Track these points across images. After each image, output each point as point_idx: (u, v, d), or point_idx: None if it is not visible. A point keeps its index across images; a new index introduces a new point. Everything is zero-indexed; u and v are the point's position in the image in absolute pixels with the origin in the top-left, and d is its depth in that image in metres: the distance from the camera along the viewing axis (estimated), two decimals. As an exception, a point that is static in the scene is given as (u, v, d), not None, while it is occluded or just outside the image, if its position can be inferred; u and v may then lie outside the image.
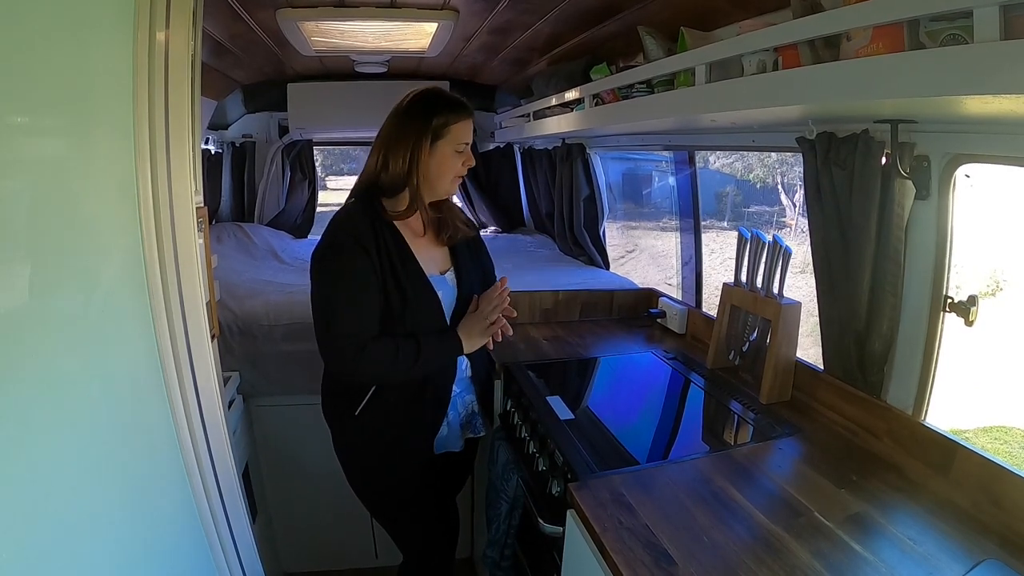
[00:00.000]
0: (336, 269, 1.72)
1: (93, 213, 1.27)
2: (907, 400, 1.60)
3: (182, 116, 1.40)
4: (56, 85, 1.15)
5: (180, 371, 1.47)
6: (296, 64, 3.64)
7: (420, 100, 1.83)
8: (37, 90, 1.11)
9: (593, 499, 1.40)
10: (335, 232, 1.76)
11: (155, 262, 1.39)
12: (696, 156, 2.86)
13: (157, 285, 1.40)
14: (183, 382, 1.48)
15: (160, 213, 1.38)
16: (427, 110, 1.79)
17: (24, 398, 1.07)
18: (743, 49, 1.49)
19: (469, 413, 2.06)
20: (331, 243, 1.75)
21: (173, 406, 1.48)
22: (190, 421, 1.51)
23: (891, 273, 1.55)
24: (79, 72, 1.21)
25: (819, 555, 1.20)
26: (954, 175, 1.46)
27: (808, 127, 1.63)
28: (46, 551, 1.10)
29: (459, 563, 3.03)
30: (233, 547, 1.68)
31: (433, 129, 1.78)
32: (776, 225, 8.26)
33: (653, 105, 1.96)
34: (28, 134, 1.13)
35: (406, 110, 1.82)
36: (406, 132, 1.79)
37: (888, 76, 1.11)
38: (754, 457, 1.60)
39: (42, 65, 1.11)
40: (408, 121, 1.79)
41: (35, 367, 1.11)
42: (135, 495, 1.37)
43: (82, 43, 1.21)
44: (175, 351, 1.46)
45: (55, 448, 1.13)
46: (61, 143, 1.21)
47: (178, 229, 1.42)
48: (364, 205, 1.79)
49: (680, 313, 2.59)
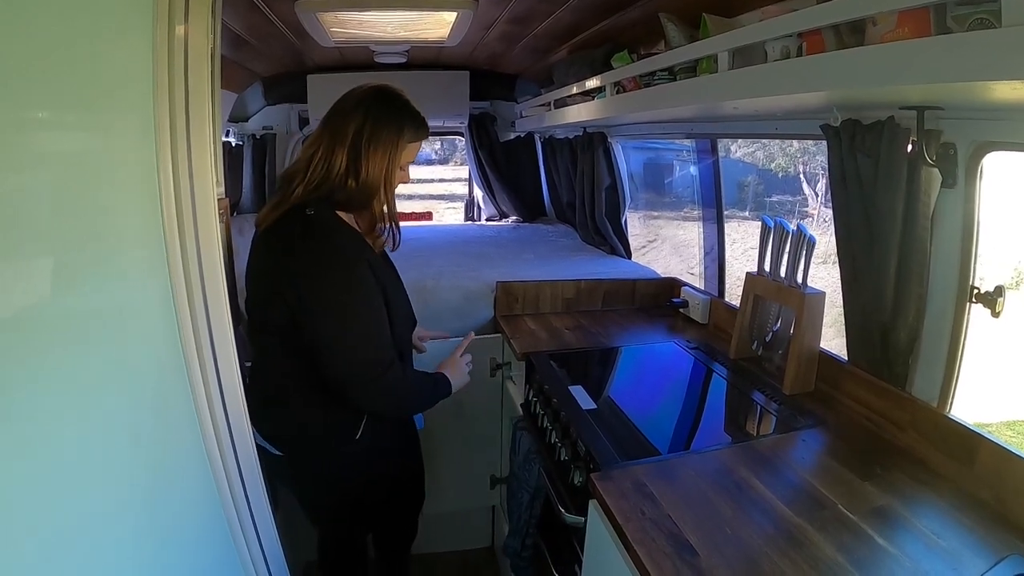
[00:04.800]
0: (360, 274, 1.66)
1: (115, 206, 1.28)
2: (932, 392, 1.58)
3: (202, 109, 1.40)
4: (77, 81, 1.16)
5: (202, 361, 1.48)
6: (315, 55, 3.64)
7: (394, 101, 1.71)
8: (59, 86, 1.12)
9: (616, 489, 1.39)
10: (336, 240, 1.68)
11: (177, 253, 1.39)
12: (718, 145, 2.83)
13: (179, 276, 1.40)
14: (205, 372, 1.49)
15: (182, 205, 1.39)
16: (399, 115, 1.69)
17: (49, 389, 1.08)
18: (766, 35, 1.47)
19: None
20: (337, 252, 1.66)
21: (195, 396, 1.48)
22: (212, 411, 1.52)
23: (917, 263, 1.52)
24: (100, 67, 1.21)
25: (843, 548, 1.19)
26: (981, 163, 1.43)
27: (833, 114, 1.60)
28: (70, 540, 1.11)
29: (479, 553, 3.07)
30: (255, 536, 1.69)
31: (398, 140, 1.68)
32: (798, 215, 8.20)
33: (675, 92, 1.93)
34: (50, 129, 1.13)
35: (379, 109, 1.68)
36: (382, 135, 1.66)
37: (914, 61, 1.08)
38: (777, 448, 1.59)
39: (63, 61, 1.12)
40: (383, 123, 1.67)
41: (61, 359, 1.12)
42: (158, 484, 1.38)
43: (102, 39, 1.21)
44: (197, 341, 1.46)
45: (80, 438, 1.14)
46: (83, 137, 1.21)
47: (199, 220, 1.42)
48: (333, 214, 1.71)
49: (703, 302, 2.58)
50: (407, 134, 1.69)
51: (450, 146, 13.09)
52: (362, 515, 2.04)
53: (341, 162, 1.64)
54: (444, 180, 12.83)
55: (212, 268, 1.46)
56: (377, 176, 1.67)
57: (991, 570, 1.14)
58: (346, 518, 2.04)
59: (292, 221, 1.65)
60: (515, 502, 2.05)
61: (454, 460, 2.67)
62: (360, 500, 1.94)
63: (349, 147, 1.64)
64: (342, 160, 1.64)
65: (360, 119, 1.65)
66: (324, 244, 1.65)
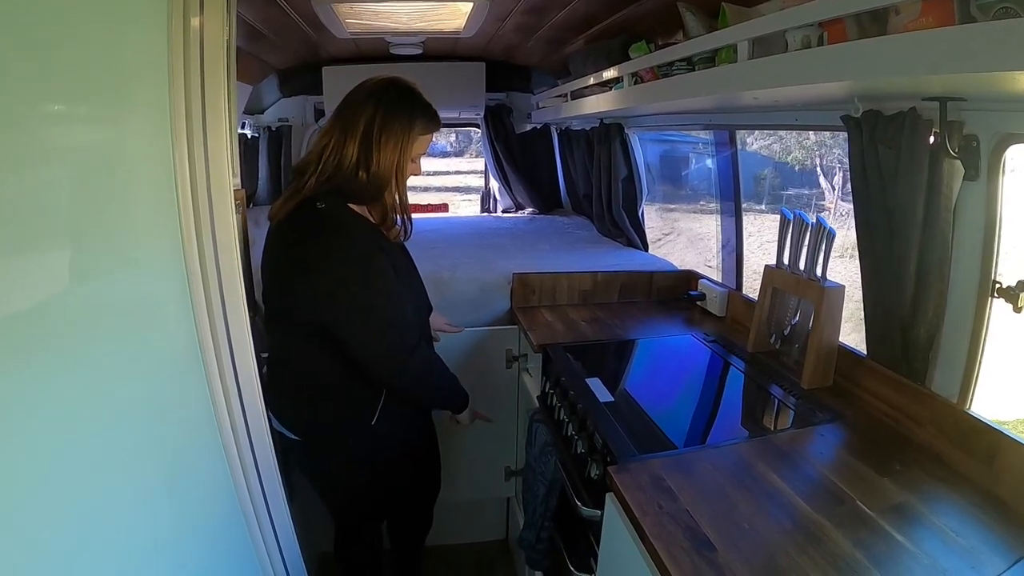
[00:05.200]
0: (377, 267, 1.68)
1: (132, 198, 1.29)
2: (952, 388, 1.56)
3: (218, 100, 1.40)
4: (93, 74, 1.16)
5: (219, 351, 1.49)
6: (331, 47, 3.64)
7: (405, 93, 1.71)
8: (75, 79, 1.12)
9: (633, 483, 1.39)
10: (348, 235, 1.68)
11: (193, 244, 1.40)
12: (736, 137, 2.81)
13: (195, 267, 1.41)
14: (221, 362, 1.50)
15: (198, 196, 1.39)
16: (411, 107, 1.69)
17: (67, 380, 1.09)
18: (787, 24, 1.44)
19: None
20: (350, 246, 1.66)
21: (211, 386, 1.49)
22: (228, 401, 1.53)
23: (938, 256, 1.50)
24: (116, 60, 1.22)
25: (861, 544, 1.18)
26: (1004, 156, 1.41)
27: (853, 105, 1.58)
28: (88, 530, 1.12)
29: (494, 545, 3.07)
30: (271, 526, 1.70)
31: (411, 132, 1.68)
32: (815, 208, 8.15)
33: (694, 82, 1.92)
34: (67, 122, 1.14)
35: (390, 101, 1.67)
36: (393, 127, 1.66)
37: (938, 51, 1.06)
38: (795, 443, 1.58)
39: (80, 55, 1.12)
40: (395, 114, 1.66)
41: (77, 350, 1.12)
42: (175, 474, 1.39)
43: (118, 32, 1.22)
44: (213, 331, 1.47)
45: (96, 429, 1.15)
46: (99, 130, 1.21)
47: (216, 211, 1.43)
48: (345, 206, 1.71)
49: (720, 295, 2.56)
50: (418, 126, 1.69)
51: (465, 138, 13.11)
52: (376, 502, 2.05)
53: (352, 154, 1.64)
54: (460, 172, 12.84)
55: (228, 259, 1.47)
56: (388, 168, 1.67)
57: (1010, 569, 1.13)
58: (360, 505, 2.05)
59: (304, 214, 1.67)
60: (531, 494, 2.05)
61: (469, 451, 2.68)
62: (374, 487, 1.96)
63: (360, 139, 1.65)
64: (353, 152, 1.65)
65: (371, 111, 1.65)
66: (335, 239, 1.65)
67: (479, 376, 2.60)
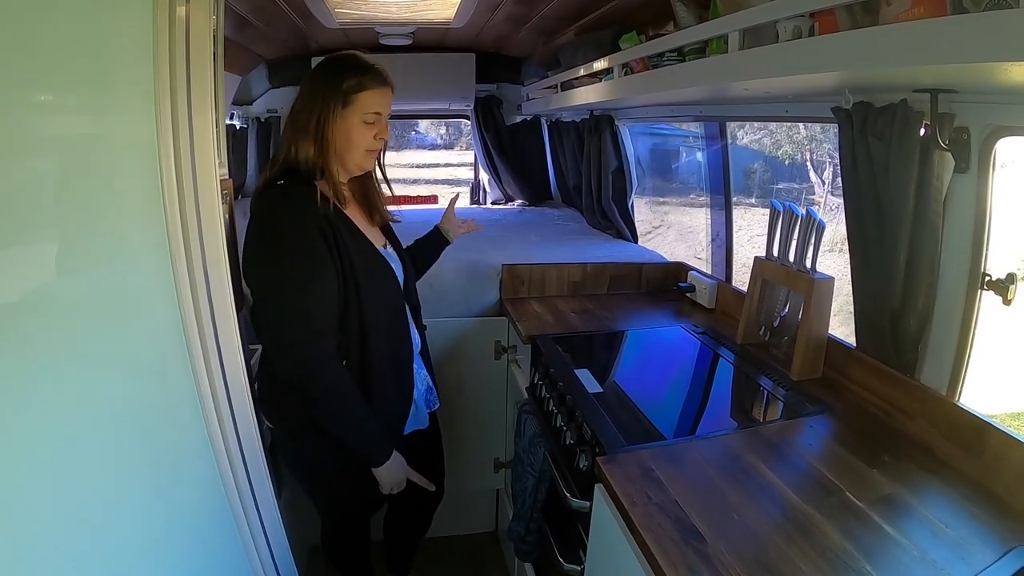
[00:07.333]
0: (291, 248, 1.61)
1: (116, 189, 1.27)
2: (941, 380, 1.56)
3: (204, 90, 1.38)
4: (78, 64, 1.15)
5: (205, 344, 1.47)
6: (320, 37, 3.61)
7: (329, 65, 1.72)
8: (60, 69, 1.11)
9: (622, 473, 1.39)
10: (282, 211, 1.64)
11: (179, 235, 1.38)
12: (727, 130, 2.81)
13: (181, 258, 1.39)
14: (208, 355, 1.48)
15: (183, 186, 1.37)
16: (336, 74, 1.68)
17: (51, 375, 1.08)
18: (778, 15, 1.44)
19: (426, 388, 2.02)
20: (280, 222, 1.63)
21: (198, 380, 1.47)
22: (215, 395, 1.51)
23: (928, 248, 1.50)
24: (100, 50, 1.21)
25: (850, 536, 1.18)
26: (994, 148, 1.41)
27: (844, 96, 1.58)
28: (74, 528, 1.11)
29: (483, 537, 3.07)
30: (259, 520, 1.69)
31: (343, 94, 1.66)
32: (804, 202, 8.15)
33: (684, 73, 1.91)
34: (51, 112, 1.13)
35: (313, 76, 1.71)
36: (314, 100, 1.66)
37: (929, 41, 1.06)
38: (784, 434, 1.58)
39: (64, 45, 1.11)
40: (317, 88, 1.67)
41: (62, 344, 1.12)
42: (161, 470, 1.38)
43: (102, 21, 1.21)
44: (200, 324, 1.45)
45: (82, 425, 1.14)
46: (84, 120, 1.21)
47: (202, 202, 1.41)
48: (298, 185, 1.66)
49: (710, 287, 2.56)
50: (350, 82, 1.67)
51: (455, 130, 13.05)
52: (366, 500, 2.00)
53: (298, 132, 1.67)
54: (450, 165, 12.81)
55: (215, 249, 1.45)
56: (336, 134, 1.68)
57: (999, 560, 1.13)
58: (344, 505, 2.04)
59: (258, 196, 1.70)
60: (520, 486, 2.05)
61: (458, 443, 2.66)
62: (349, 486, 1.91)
63: (298, 115, 1.68)
64: (297, 130, 1.67)
65: (307, 88, 1.69)
66: (258, 220, 1.66)
67: (468, 367, 2.59)
